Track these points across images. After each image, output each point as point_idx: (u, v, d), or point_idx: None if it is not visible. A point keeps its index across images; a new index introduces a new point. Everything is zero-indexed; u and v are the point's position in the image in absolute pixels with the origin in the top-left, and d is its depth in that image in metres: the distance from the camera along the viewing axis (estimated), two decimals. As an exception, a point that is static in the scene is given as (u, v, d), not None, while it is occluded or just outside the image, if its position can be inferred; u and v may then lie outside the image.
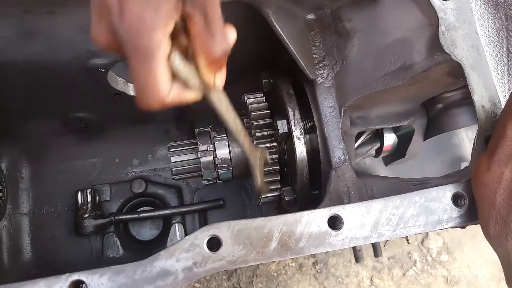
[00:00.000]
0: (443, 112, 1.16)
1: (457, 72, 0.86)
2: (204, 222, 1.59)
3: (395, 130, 1.20)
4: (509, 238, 0.70)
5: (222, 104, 0.72)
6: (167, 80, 0.61)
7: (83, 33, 0.97)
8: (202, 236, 0.72)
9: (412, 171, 1.51)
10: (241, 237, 0.73)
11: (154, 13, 0.56)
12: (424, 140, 1.22)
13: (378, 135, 1.21)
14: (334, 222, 0.76)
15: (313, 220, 0.75)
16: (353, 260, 2.32)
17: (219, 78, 0.66)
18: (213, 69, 0.64)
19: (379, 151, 1.22)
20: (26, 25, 0.90)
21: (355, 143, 1.17)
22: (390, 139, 1.20)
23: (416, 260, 2.42)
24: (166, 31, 0.58)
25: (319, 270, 2.36)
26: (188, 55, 0.64)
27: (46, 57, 1.03)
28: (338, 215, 0.76)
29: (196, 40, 0.60)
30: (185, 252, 0.72)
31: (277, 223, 0.74)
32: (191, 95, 0.66)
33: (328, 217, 0.75)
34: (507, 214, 0.70)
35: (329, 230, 0.75)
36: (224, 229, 0.73)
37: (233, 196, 1.63)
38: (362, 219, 0.76)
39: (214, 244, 0.73)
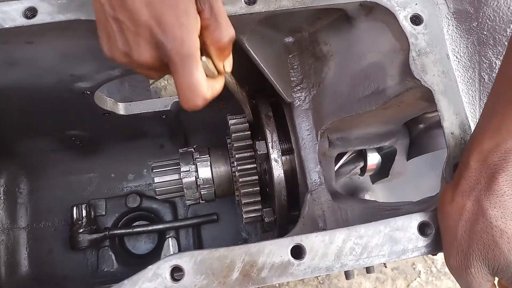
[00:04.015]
0: (425, 132, 1.15)
1: (428, 97, 0.85)
2: (197, 237, 1.60)
3: (378, 149, 1.19)
4: (468, 272, 0.69)
5: (231, 80, 0.88)
6: (205, 77, 0.66)
7: (64, 59, 1.00)
8: (165, 266, 0.74)
9: (406, 185, 1.49)
10: (203, 267, 0.74)
11: (187, 18, 0.62)
12: (407, 160, 1.21)
13: (361, 154, 1.21)
14: (297, 252, 0.76)
15: (276, 250, 0.75)
16: (356, 271, 2.30)
17: (228, 63, 0.72)
18: (223, 56, 0.69)
19: (363, 170, 1.22)
20: (6, 55, 0.93)
21: (338, 162, 1.17)
22: (374, 158, 1.19)
23: (420, 271, 2.39)
24: (198, 31, 0.64)
25: (321, 281, 2.35)
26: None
27: (31, 82, 1.05)
28: (301, 244, 0.76)
29: (206, 32, 0.66)
30: (147, 281, 0.73)
31: (240, 253, 0.75)
32: (219, 85, 0.72)
33: (291, 247, 0.76)
34: (467, 247, 0.69)
35: (292, 259, 0.75)
36: (186, 259, 0.74)
37: (227, 210, 1.64)
38: (325, 248, 0.76)
39: (177, 274, 0.74)
